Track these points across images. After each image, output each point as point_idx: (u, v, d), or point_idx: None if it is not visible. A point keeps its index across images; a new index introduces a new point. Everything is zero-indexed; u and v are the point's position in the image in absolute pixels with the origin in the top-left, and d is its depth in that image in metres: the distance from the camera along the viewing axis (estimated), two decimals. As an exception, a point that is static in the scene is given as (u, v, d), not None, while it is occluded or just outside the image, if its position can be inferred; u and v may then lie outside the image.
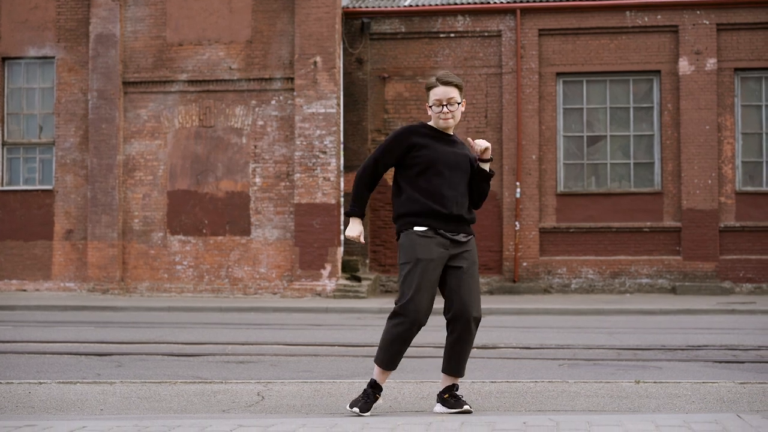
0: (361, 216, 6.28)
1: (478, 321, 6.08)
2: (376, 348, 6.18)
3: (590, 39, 22.90)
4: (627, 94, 22.94)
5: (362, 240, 6.30)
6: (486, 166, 6.22)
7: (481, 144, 6.13)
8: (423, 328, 6.11)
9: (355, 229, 6.26)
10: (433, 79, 6.22)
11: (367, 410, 5.97)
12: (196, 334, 13.54)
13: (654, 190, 22.67)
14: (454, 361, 6.13)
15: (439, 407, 6.15)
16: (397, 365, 6.10)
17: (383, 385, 6.16)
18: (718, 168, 22.35)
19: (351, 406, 5.99)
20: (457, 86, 6.14)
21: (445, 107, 6.10)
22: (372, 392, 6.05)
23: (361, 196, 6.30)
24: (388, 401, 6.69)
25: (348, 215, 6.33)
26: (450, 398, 6.12)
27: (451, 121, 6.12)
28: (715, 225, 22.25)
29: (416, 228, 6.04)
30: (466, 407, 6.05)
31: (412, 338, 6.04)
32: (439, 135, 6.17)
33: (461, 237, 6.10)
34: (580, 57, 22.89)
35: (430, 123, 6.25)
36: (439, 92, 6.13)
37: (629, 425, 5.19)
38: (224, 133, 22.18)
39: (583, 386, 7.29)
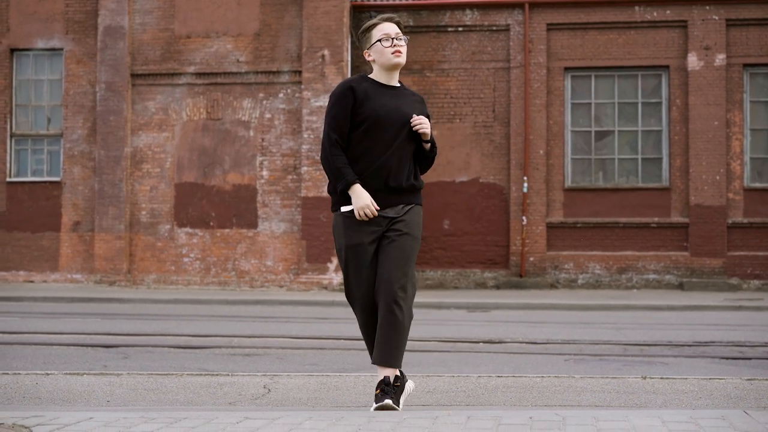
0: (357, 181, 5.45)
1: (398, 301, 5.37)
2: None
3: (599, 34, 22.85)
4: (635, 90, 22.89)
5: (376, 207, 5.47)
6: (426, 146, 5.68)
7: (418, 127, 5.57)
8: (426, 322, 6.05)
9: (363, 197, 5.43)
10: (371, 21, 5.68)
11: (397, 403, 5.52)
12: (202, 327, 13.56)
13: (662, 185, 22.63)
14: (378, 347, 5.46)
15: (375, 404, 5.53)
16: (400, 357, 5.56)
17: (398, 372, 5.60)
18: (726, 164, 22.30)
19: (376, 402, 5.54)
20: (398, 23, 5.65)
21: (394, 41, 5.54)
22: (385, 389, 5.54)
23: (343, 166, 5.48)
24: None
25: (345, 190, 5.47)
26: (378, 393, 5.49)
27: (402, 57, 5.55)
28: (722, 221, 22.20)
29: (343, 208, 5.51)
30: (387, 401, 5.42)
31: (370, 326, 5.58)
32: (383, 88, 5.61)
33: (398, 210, 5.52)
34: (588, 52, 22.84)
35: (371, 75, 5.67)
36: (387, 26, 5.58)
37: (636, 421, 5.19)
38: (232, 125, 22.18)
39: (590, 381, 7.29)
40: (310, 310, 17.45)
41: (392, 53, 5.55)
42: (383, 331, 5.40)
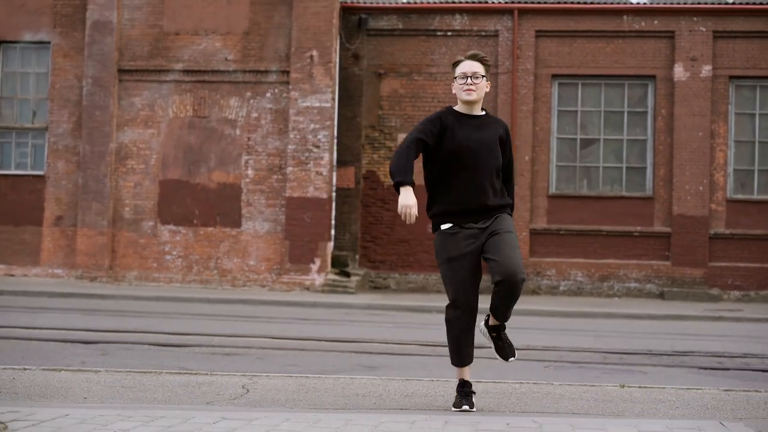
0: (412, 184, 5.95)
1: (523, 281, 6.29)
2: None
3: (587, 42, 22.92)
4: (621, 98, 22.97)
5: (414, 213, 5.89)
6: None
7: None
8: (407, 325, 6.26)
9: (409, 197, 5.89)
10: (459, 57, 6.22)
11: (473, 404, 6.18)
12: (183, 325, 13.53)
13: (645, 194, 22.71)
14: (501, 311, 6.46)
15: (484, 330, 6.58)
16: (467, 358, 6.35)
17: (467, 378, 6.34)
18: (709, 175, 22.40)
19: (456, 407, 6.17)
20: (482, 61, 6.13)
21: (469, 79, 6.06)
22: (466, 389, 6.26)
23: (408, 167, 5.95)
24: (372, 398, 6.69)
25: (401, 184, 5.91)
26: (497, 338, 6.58)
27: (474, 94, 6.05)
28: (704, 231, 22.30)
29: (443, 227, 6.15)
30: (511, 359, 6.53)
31: (471, 328, 6.31)
32: (465, 118, 6.12)
33: (483, 223, 6.19)
34: (576, 59, 22.91)
35: (456, 107, 6.20)
36: (465, 65, 6.10)
37: (612, 429, 5.20)
38: (218, 124, 22.14)
39: (568, 389, 7.30)
40: (291, 311, 17.43)
41: (464, 90, 6.08)
42: (507, 302, 6.38)
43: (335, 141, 22.32)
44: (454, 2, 23.04)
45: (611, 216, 22.68)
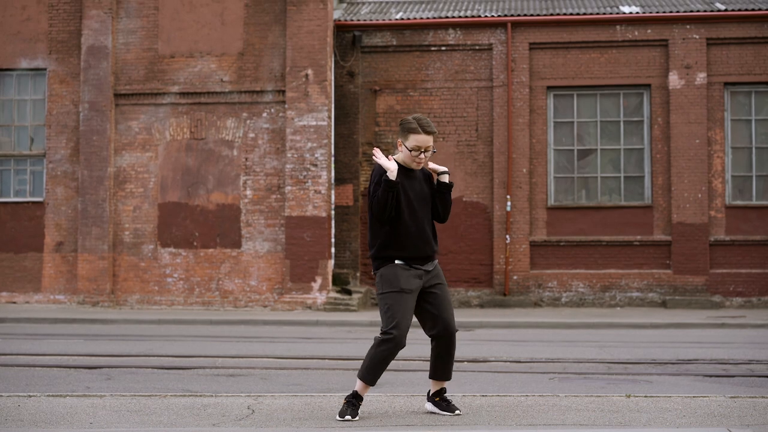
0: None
1: (455, 333, 6.77)
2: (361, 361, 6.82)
3: (581, 53, 22.99)
4: (617, 108, 23.01)
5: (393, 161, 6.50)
6: (445, 178, 6.80)
7: (438, 169, 6.78)
8: (411, 341, 6.62)
9: (388, 164, 6.48)
10: (415, 124, 6.56)
11: (357, 415, 6.53)
12: (186, 347, 13.51)
13: (644, 203, 22.73)
14: (441, 369, 6.75)
15: (429, 406, 6.83)
16: (376, 380, 6.66)
17: (363, 396, 6.66)
18: (708, 182, 22.42)
19: (341, 416, 6.47)
20: (434, 134, 6.60)
21: (422, 154, 6.57)
22: (356, 402, 6.57)
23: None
24: (378, 415, 6.68)
25: (388, 181, 6.43)
26: (442, 401, 6.77)
27: (422, 165, 6.67)
28: (705, 239, 22.31)
29: (397, 261, 6.60)
30: (457, 412, 6.71)
31: (394, 356, 6.61)
32: (409, 172, 6.65)
33: (430, 266, 6.70)
34: (570, 71, 22.97)
35: (397, 158, 6.66)
36: (422, 139, 6.54)
37: (620, 440, 5.20)
38: (215, 145, 22.17)
39: (574, 400, 7.30)
40: (294, 330, 17.41)
41: (415, 162, 6.61)
42: (447, 357, 6.72)
43: (333, 159, 22.35)
44: (447, 17, 23.11)
45: (611, 226, 22.69)
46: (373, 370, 6.53)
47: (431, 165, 6.75)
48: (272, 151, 22.00)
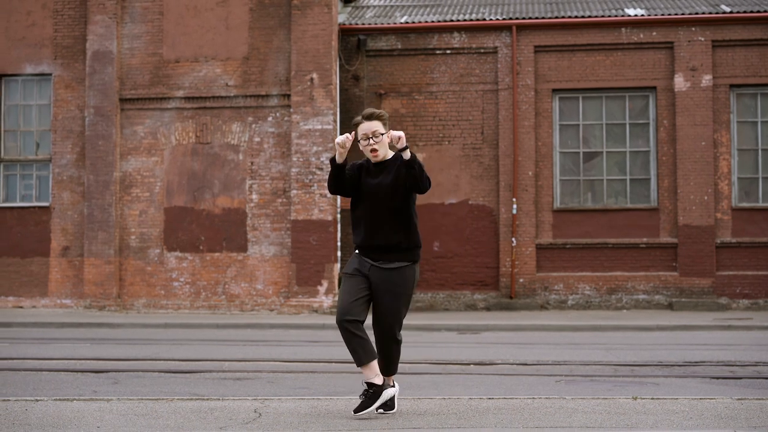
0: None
1: (397, 341, 6.80)
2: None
3: (586, 55, 22.98)
4: (623, 111, 23.00)
5: (349, 137, 6.63)
6: (405, 154, 6.51)
7: (393, 134, 6.46)
8: (417, 344, 6.39)
9: (338, 138, 6.64)
10: (359, 117, 6.77)
11: (366, 407, 6.65)
12: (192, 351, 13.52)
13: (650, 206, 22.70)
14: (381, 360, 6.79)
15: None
16: (362, 359, 6.56)
17: (379, 381, 6.62)
18: (714, 184, 22.40)
19: (355, 411, 6.62)
20: (379, 118, 6.68)
21: (370, 140, 6.66)
22: (368, 391, 6.63)
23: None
24: (384, 418, 6.68)
25: (332, 161, 6.71)
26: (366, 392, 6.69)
27: (378, 154, 6.69)
28: (711, 241, 22.28)
29: (356, 250, 6.84)
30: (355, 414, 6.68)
31: (352, 331, 6.54)
32: (371, 167, 6.76)
33: (386, 264, 6.69)
34: (576, 73, 22.96)
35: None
36: (365, 127, 6.68)
37: (627, 442, 5.19)
38: (221, 149, 22.20)
39: (580, 403, 7.29)
40: (300, 334, 17.41)
41: (370, 151, 6.72)
42: (382, 353, 6.80)
43: (338, 162, 22.31)
44: (452, 21, 23.12)
45: (617, 228, 22.67)
46: (351, 353, 6.64)
47: (392, 133, 6.53)
48: (278, 155, 22.02)
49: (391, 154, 6.77)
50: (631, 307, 22.33)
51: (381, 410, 6.74)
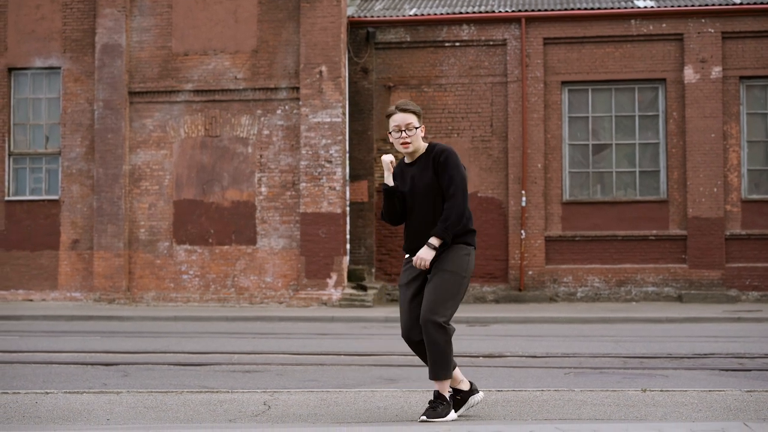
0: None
1: (435, 324, 6.07)
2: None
3: (595, 47, 22.92)
4: (632, 103, 22.94)
5: (393, 159, 6.43)
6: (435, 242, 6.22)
7: (417, 263, 6.19)
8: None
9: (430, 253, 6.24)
10: (392, 108, 6.44)
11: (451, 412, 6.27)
12: (202, 344, 13.55)
13: (659, 198, 22.66)
14: (429, 366, 6.23)
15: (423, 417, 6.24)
16: (442, 371, 6.17)
17: (447, 393, 6.29)
18: (723, 176, 22.34)
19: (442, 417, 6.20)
20: (414, 112, 6.37)
21: (403, 132, 6.33)
22: (439, 401, 6.21)
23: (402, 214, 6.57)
24: (394, 411, 6.69)
25: (385, 190, 6.47)
26: (428, 407, 6.22)
27: (410, 146, 6.35)
28: (720, 233, 22.22)
29: (406, 255, 6.49)
30: (422, 418, 6.11)
31: (417, 351, 6.34)
32: (406, 166, 6.48)
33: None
34: (585, 65, 22.91)
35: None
36: (398, 119, 6.35)
37: (636, 434, 5.19)
38: (230, 142, 22.22)
39: (590, 395, 7.29)
40: (309, 326, 17.43)
41: (400, 144, 6.38)
42: (427, 349, 6.23)
43: (347, 155, 22.36)
44: (461, 13, 23.08)
45: (626, 221, 22.63)
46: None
47: (415, 261, 6.29)
48: (287, 147, 22.03)
49: (423, 147, 6.44)
50: (640, 299, 22.30)
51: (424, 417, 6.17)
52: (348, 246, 22.31)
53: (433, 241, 6.16)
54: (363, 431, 5.54)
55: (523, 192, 22.63)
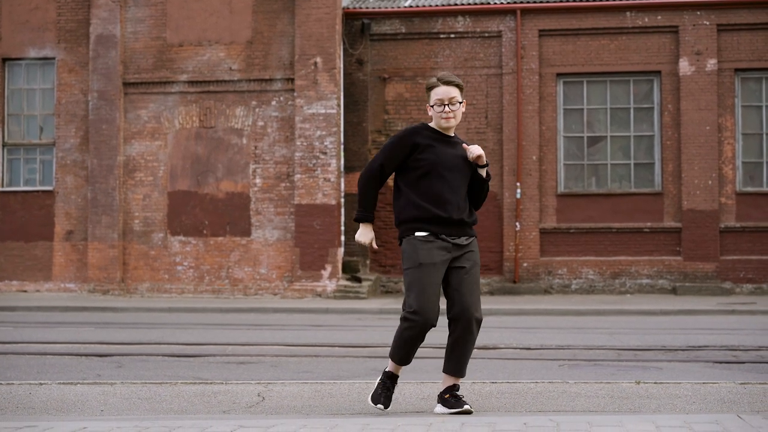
0: (371, 221, 6.29)
1: (479, 322, 6.05)
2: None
3: (590, 39, 22.90)
4: (627, 95, 22.94)
5: (375, 245, 6.42)
6: (482, 172, 6.22)
7: (474, 151, 6.10)
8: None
9: (366, 234, 6.27)
10: (434, 80, 6.18)
11: (389, 404, 6.12)
12: (196, 335, 13.55)
13: (654, 190, 22.67)
14: (454, 361, 6.11)
15: (439, 407, 6.12)
16: (410, 361, 6.19)
17: (399, 374, 6.23)
18: (718, 168, 22.35)
19: (374, 402, 6.09)
20: (458, 86, 6.13)
21: (446, 106, 6.08)
22: (390, 383, 6.17)
23: (369, 200, 6.28)
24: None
25: (357, 221, 6.30)
26: (450, 398, 6.09)
27: (452, 120, 6.11)
28: (715, 225, 22.25)
29: (417, 234, 6.06)
30: (466, 407, 6.01)
31: (424, 338, 6.07)
32: (441, 136, 6.16)
33: (462, 240, 6.11)
34: (580, 57, 22.89)
35: (431, 124, 6.22)
36: (441, 92, 6.09)
37: (630, 426, 5.20)
38: (224, 133, 22.18)
39: (584, 387, 7.30)
40: (304, 318, 17.44)
41: (442, 118, 6.10)
42: (462, 347, 6.09)
43: (342, 147, 22.34)
44: (456, 4, 23.05)
45: (621, 213, 22.65)
46: (399, 349, 6.09)
47: (470, 148, 6.13)
48: (281, 139, 22.00)
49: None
50: (634, 291, 22.33)
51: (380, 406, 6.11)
52: (343, 238, 22.30)
53: (484, 172, 6.20)
54: (357, 423, 5.54)
55: (518, 184, 22.63)
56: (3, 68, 23.12)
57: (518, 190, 22.62)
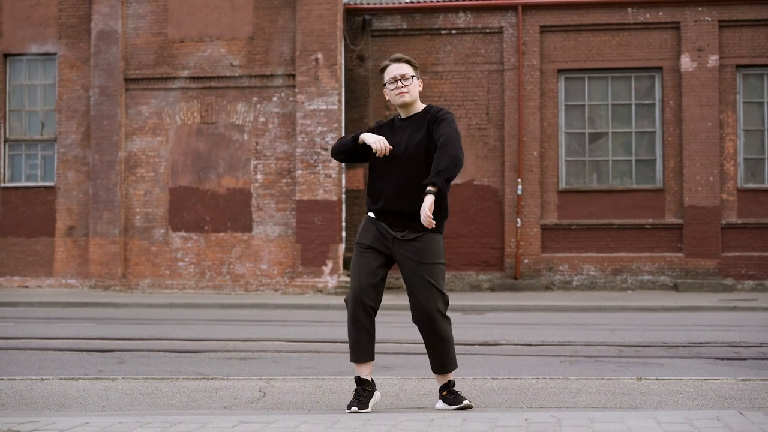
0: (361, 133, 6.24)
1: (441, 312, 6.02)
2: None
3: (592, 35, 22.88)
4: (629, 91, 22.92)
5: (388, 144, 6.06)
6: (430, 196, 5.87)
7: (423, 218, 5.76)
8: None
9: (373, 136, 6.12)
10: (385, 61, 6.33)
11: (366, 406, 5.96)
12: (197, 331, 13.55)
13: (656, 187, 22.66)
14: (436, 360, 6.14)
15: (440, 404, 6.15)
16: (366, 355, 6.04)
17: (370, 379, 6.08)
18: (720, 165, 22.34)
19: (348, 408, 5.96)
20: (409, 62, 6.25)
21: (399, 82, 6.16)
22: (361, 389, 6.03)
23: (347, 142, 6.28)
24: (389, 398, 6.69)
25: (354, 140, 6.20)
26: (449, 395, 6.11)
27: (407, 96, 6.16)
28: (716, 222, 22.24)
29: (369, 213, 6.17)
30: (465, 402, 6.04)
31: (363, 322, 5.98)
32: (399, 122, 6.24)
33: (405, 234, 6.01)
34: (581, 53, 22.87)
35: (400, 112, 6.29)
36: (393, 69, 6.21)
37: (631, 422, 5.20)
38: (226, 129, 22.18)
39: (585, 383, 7.29)
40: (305, 314, 17.44)
41: (396, 94, 6.18)
42: (434, 345, 6.12)
43: (343, 143, 22.27)
44: (457, 0, 23.02)
45: (622, 209, 22.64)
46: (349, 340, 6.05)
47: (422, 213, 5.76)
48: (283, 135, 22.00)
49: (421, 106, 6.21)
50: (636, 288, 22.32)
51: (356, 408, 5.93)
52: (344, 234, 22.30)
53: (431, 189, 5.84)
54: (358, 418, 5.54)
55: (519, 180, 22.62)
56: (4, 64, 23.11)
57: (519, 187, 22.61)
